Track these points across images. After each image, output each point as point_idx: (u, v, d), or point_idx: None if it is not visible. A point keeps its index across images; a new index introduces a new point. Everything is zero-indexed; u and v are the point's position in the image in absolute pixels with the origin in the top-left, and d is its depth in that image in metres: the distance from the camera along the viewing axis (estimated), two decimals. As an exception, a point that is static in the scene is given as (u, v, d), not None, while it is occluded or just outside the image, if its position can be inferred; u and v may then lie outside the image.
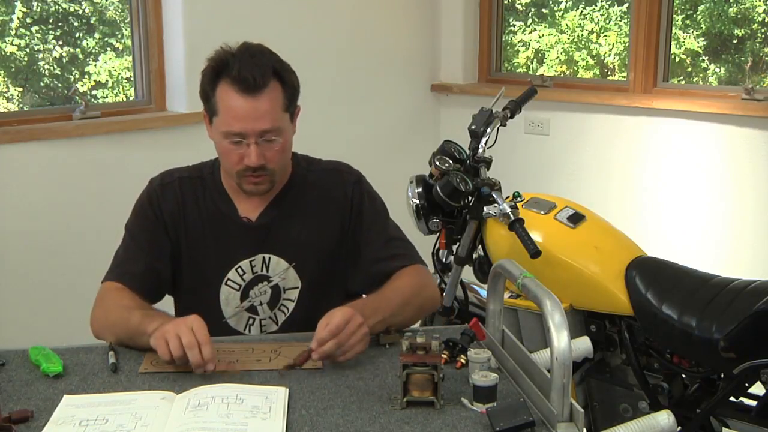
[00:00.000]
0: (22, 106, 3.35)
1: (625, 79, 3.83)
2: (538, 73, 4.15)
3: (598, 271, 2.32)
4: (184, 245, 1.89)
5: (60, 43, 3.40)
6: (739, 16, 3.95)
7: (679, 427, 2.19)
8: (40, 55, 3.39)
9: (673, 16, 3.72)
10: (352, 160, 2.03)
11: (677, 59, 4.02)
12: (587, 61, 4.38)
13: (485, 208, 2.35)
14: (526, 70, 4.43)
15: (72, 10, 3.40)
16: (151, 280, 1.85)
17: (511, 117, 2.51)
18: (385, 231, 1.93)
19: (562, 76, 4.34)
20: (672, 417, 1.39)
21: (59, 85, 3.48)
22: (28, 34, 3.30)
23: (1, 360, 1.61)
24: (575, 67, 4.40)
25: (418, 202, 2.45)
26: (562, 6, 4.43)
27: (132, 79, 3.37)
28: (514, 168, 3.58)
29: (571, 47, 4.40)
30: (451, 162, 2.40)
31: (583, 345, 1.71)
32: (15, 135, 2.88)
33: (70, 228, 3.02)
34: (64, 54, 3.42)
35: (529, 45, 4.48)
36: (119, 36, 3.48)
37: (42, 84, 3.46)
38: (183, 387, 1.49)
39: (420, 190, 2.46)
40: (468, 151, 2.46)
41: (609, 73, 4.36)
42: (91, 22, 3.45)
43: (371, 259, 1.88)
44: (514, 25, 4.50)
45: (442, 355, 1.49)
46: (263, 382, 1.52)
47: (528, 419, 1.31)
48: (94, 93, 3.46)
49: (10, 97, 3.35)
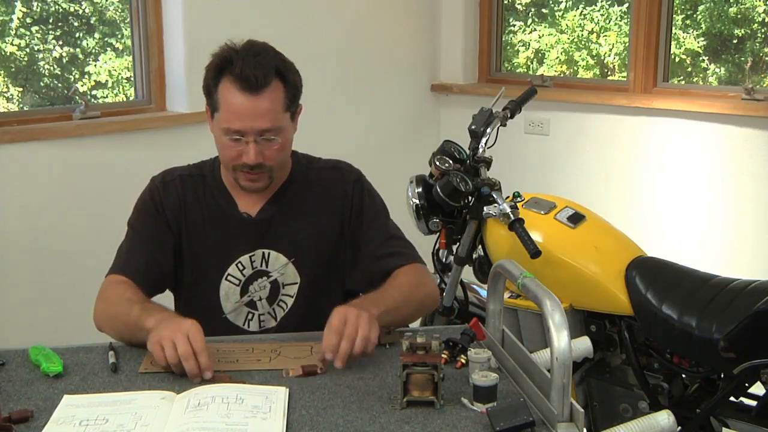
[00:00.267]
0: (22, 106, 3.35)
1: (625, 79, 3.83)
2: (538, 73, 4.15)
3: (598, 271, 2.32)
4: (185, 241, 1.90)
5: (60, 43, 3.40)
6: (739, 16, 3.95)
7: (679, 427, 2.19)
8: (40, 55, 3.39)
9: (673, 16, 3.72)
10: (352, 159, 2.03)
11: (677, 59, 4.02)
12: (587, 61, 4.38)
13: (485, 208, 2.35)
14: (526, 70, 4.43)
15: (72, 10, 3.40)
16: (154, 272, 1.86)
17: (511, 117, 2.51)
18: (385, 229, 1.94)
19: (562, 76, 4.34)
20: (672, 417, 1.39)
21: (59, 85, 3.48)
22: (28, 34, 3.30)
23: (1, 360, 1.61)
24: (575, 67, 4.40)
25: (418, 202, 2.45)
26: (562, 6, 4.43)
27: (132, 79, 3.37)
28: (514, 168, 3.58)
29: (571, 47, 4.40)
30: (451, 162, 2.40)
31: (583, 345, 1.71)
32: (15, 135, 2.87)
33: (70, 228, 3.02)
34: (64, 54, 3.42)
35: (529, 45, 4.48)
36: (119, 36, 3.48)
37: (42, 84, 3.46)
38: (183, 387, 1.49)
39: (420, 190, 2.46)
40: (468, 151, 2.46)
41: (609, 73, 4.36)
42: (91, 22, 3.45)
43: (371, 256, 1.89)
44: (514, 25, 4.50)
45: (442, 355, 1.49)
46: (263, 382, 1.52)
47: (528, 419, 1.31)
48: (94, 93, 3.46)
49: (10, 97, 3.35)
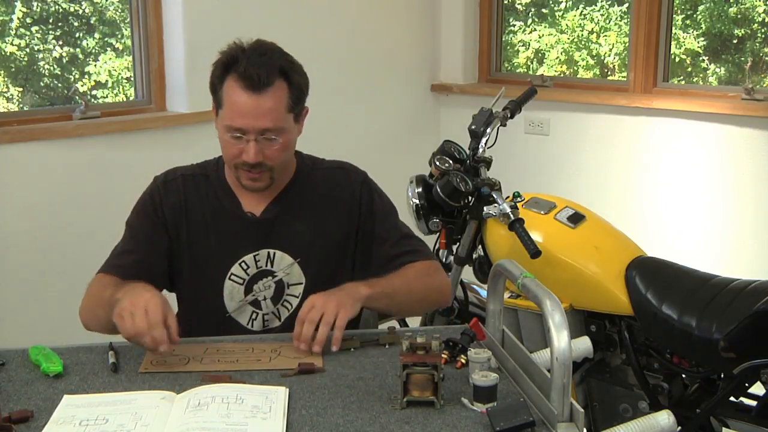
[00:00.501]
0: (22, 106, 3.35)
1: (625, 79, 3.83)
2: (538, 73, 4.15)
3: (598, 271, 2.32)
4: (186, 241, 1.90)
5: (60, 43, 3.40)
6: (739, 16, 3.95)
7: (679, 427, 2.19)
8: (40, 55, 3.39)
9: (673, 16, 3.72)
10: (352, 159, 2.03)
11: (677, 59, 4.02)
12: (587, 61, 4.38)
13: (485, 208, 2.35)
14: (526, 70, 4.43)
15: (72, 10, 3.40)
16: (142, 272, 1.84)
17: (511, 117, 2.51)
18: (397, 229, 1.95)
19: (562, 76, 4.34)
20: (672, 417, 1.39)
21: (59, 85, 3.48)
22: (28, 34, 3.30)
23: (1, 360, 1.61)
24: (575, 67, 4.41)
25: (418, 202, 2.45)
26: (562, 6, 4.43)
27: (132, 79, 3.37)
28: (514, 168, 3.58)
29: (571, 47, 4.40)
30: (451, 162, 2.41)
31: (583, 345, 1.71)
32: (15, 135, 2.88)
33: (70, 228, 3.02)
34: (64, 54, 3.42)
35: (529, 45, 4.48)
36: (119, 36, 3.48)
37: (42, 84, 3.46)
38: (183, 387, 1.49)
39: (420, 190, 2.46)
40: (468, 151, 2.46)
41: (609, 73, 4.36)
42: (91, 22, 3.45)
43: (385, 257, 1.90)
44: (514, 25, 4.50)
45: (442, 355, 1.49)
46: (263, 382, 1.52)
47: (528, 419, 1.31)
48: (94, 93, 3.46)
49: (10, 97, 3.35)
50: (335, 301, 1.66)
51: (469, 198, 2.40)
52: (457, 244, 2.51)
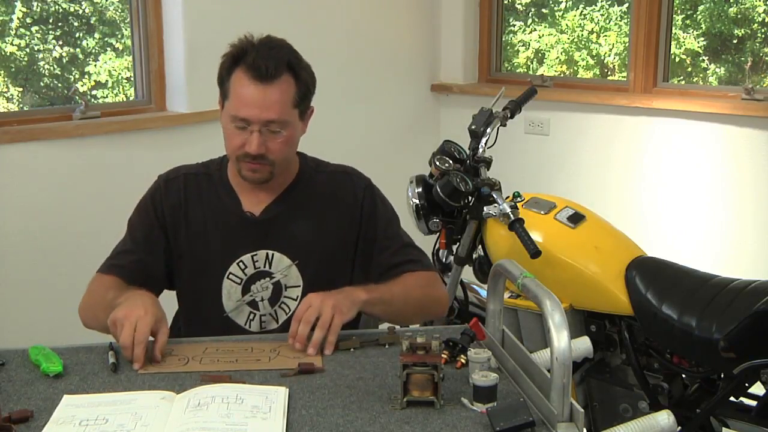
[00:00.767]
0: (22, 106, 3.35)
1: (625, 79, 3.83)
2: (538, 73, 4.15)
3: (598, 271, 2.32)
4: (185, 240, 1.90)
5: (60, 43, 3.40)
6: (739, 16, 3.95)
7: (679, 427, 2.19)
8: (40, 55, 3.39)
9: (673, 16, 3.72)
10: (352, 159, 2.03)
11: (677, 59, 4.02)
12: (587, 61, 4.38)
13: (485, 208, 2.35)
14: (526, 70, 4.43)
15: (72, 10, 3.40)
16: (140, 272, 1.86)
17: (511, 117, 2.51)
18: (399, 237, 1.95)
19: (562, 76, 4.34)
20: (672, 417, 1.39)
21: (59, 85, 3.48)
22: (28, 34, 3.30)
23: (1, 360, 1.61)
24: (575, 67, 4.41)
25: (418, 202, 2.45)
26: (562, 6, 4.43)
27: (132, 79, 3.37)
28: (514, 168, 3.58)
29: (571, 47, 4.40)
30: (451, 162, 2.40)
31: (583, 345, 1.71)
32: (15, 135, 2.87)
33: (70, 228, 3.02)
34: (64, 54, 3.42)
35: (529, 45, 4.48)
36: (119, 36, 3.48)
37: (42, 84, 3.46)
38: (183, 387, 1.49)
39: (420, 190, 2.46)
40: (468, 151, 2.46)
41: (609, 73, 4.36)
42: (91, 22, 3.45)
43: (386, 264, 1.89)
44: (514, 25, 4.50)
45: (442, 355, 1.49)
46: (263, 382, 1.52)
47: (528, 419, 1.31)
48: (94, 93, 3.46)
49: (10, 97, 3.35)
50: (332, 303, 1.66)
51: (469, 198, 2.40)
52: (457, 244, 2.51)
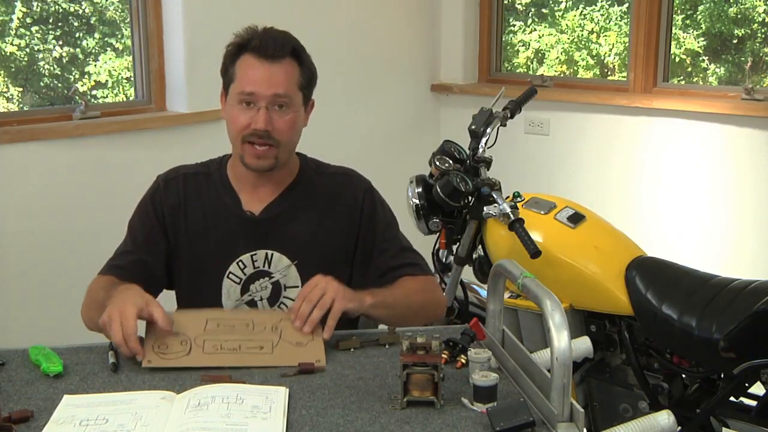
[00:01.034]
0: (22, 106, 3.35)
1: (625, 79, 3.83)
2: (538, 73, 4.15)
3: (598, 271, 2.32)
4: (185, 240, 1.90)
5: (60, 43, 3.40)
6: (739, 16, 3.95)
7: (679, 427, 2.19)
8: (40, 55, 3.39)
9: (673, 16, 3.72)
10: (352, 159, 2.03)
11: (677, 59, 4.02)
12: (587, 61, 4.38)
13: (485, 208, 2.35)
14: (526, 70, 4.43)
15: (72, 10, 3.40)
16: (139, 272, 1.86)
17: (511, 117, 2.51)
18: (397, 240, 1.96)
19: (562, 76, 4.34)
20: (672, 417, 1.39)
21: (59, 85, 3.48)
22: (28, 34, 3.30)
23: (1, 360, 1.61)
24: (575, 67, 4.40)
25: (418, 202, 2.45)
26: (562, 6, 4.43)
27: (132, 79, 3.37)
28: (514, 168, 3.58)
29: (571, 47, 4.40)
30: (451, 162, 2.40)
31: (583, 345, 1.71)
32: (15, 135, 2.87)
33: (70, 228, 3.02)
34: (64, 54, 3.42)
35: (529, 45, 4.48)
36: (119, 36, 3.48)
37: (42, 84, 3.46)
38: (183, 387, 1.49)
39: (420, 190, 2.46)
40: (468, 151, 2.46)
41: (609, 73, 4.36)
42: (91, 22, 3.45)
43: (384, 267, 1.90)
44: (514, 25, 4.50)
45: (442, 355, 1.49)
46: (263, 382, 1.52)
47: (528, 419, 1.31)
48: (94, 93, 3.46)
49: (10, 97, 3.35)
50: (336, 286, 1.68)
51: (469, 198, 2.40)
52: (457, 244, 2.51)
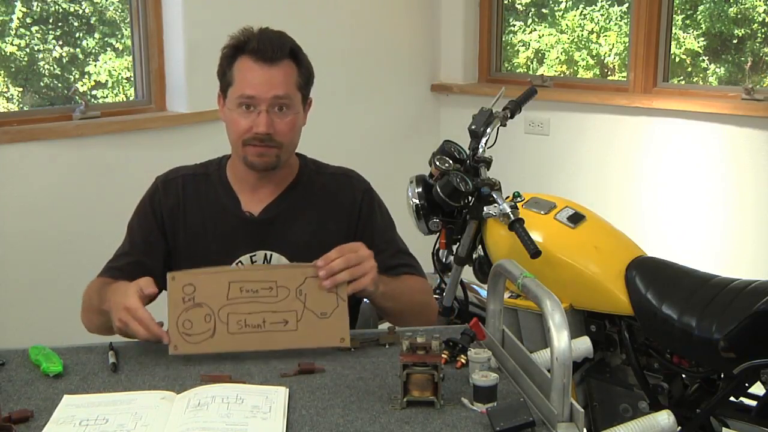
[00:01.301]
0: (22, 106, 3.35)
1: (625, 79, 3.83)
2: (538, 73, 4.15)
3: (598, 271, 2.32)
4: (183, 241, 1.90)
5: (60, 43, 3.40)
6: (739, 16, 3.95)
7: (679, 427, 2.19)
8: (40, 55, 3.39)
9: (673, 16, 3.72)
10: (352, 159, 2.04)
11: (677, 59, 4.02)
12: (587, 61, 4.38)
13: (485, 208, 2.35)
14: (526, 70, 4.43)
15: (72, 10, 3.40)
16: (137, 273, 1.83)
17: (511, 117, 2.51)
18: (395, 242, 1.97)
19: (562, 76, 4.34)
20: (672, 417, 1.39)
21: (59, 85, 3.48)
22: (28, 34, 3.30)
23: (1, 360, 1.61)
24: (575, 67, 4.40)
25: (418, 202, 2.45)
26: (562, 6, 4.43)
27: (132, 79, 3.37)
28: (514, 168, 3.58)
29: (571, 47, 4.40)
30: (451, 162, 2.40)
31: (583, 345, 1.71)
32: (15, 135, 2.88)
33: (69, 228, 3.02)
34: (64, 54, 3.42)
35: (529, 45, 4.48)
36: (119, 36, 3.48)
37: (42, 84, 3.46)
38: (183, 387, 1.49)
39: (420, 190, 2.45)
40: (468, 151, 2.45)
41: (609, 73, 4.36)
42: (91, 22, 3.45)
43: (381, 268, 1.88)
44: (514, 25, 4.50)
45: (442, 355, 1.49)
46: (263, 382, 1.52)
47: (528, 419, 1.31)
48: (94, 93, 3.46)
49: (10, 97, 3.35)
50: (373, 265, 1.68)
51: (469, 198, 2.40)
52: (457, 244, 2.51)
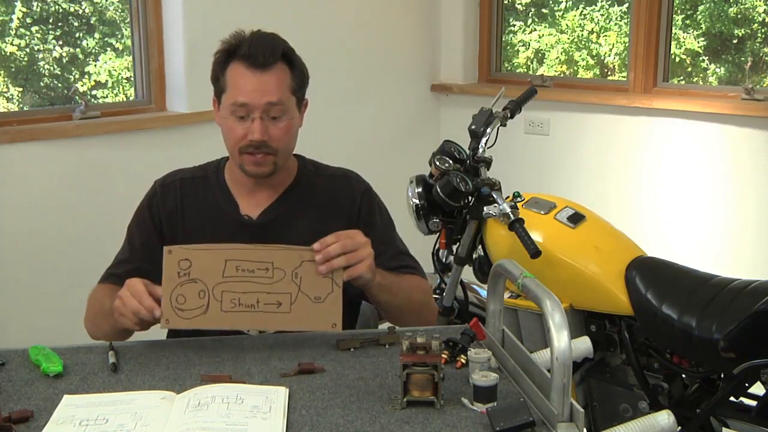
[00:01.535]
0: (22, 106, 3.35)
1: (625, 79, 3.84)
2: (538, 73, 4.15)
3: (598, 271, 2.32)
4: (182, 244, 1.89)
5: (60, 43, 3.40)
6: (739, 16, 3.95)
7: (679, 427, 2.19)
8: (40, 55, 3.39)
9: (673, 16, 3.72)
10: (352, 159, 2.03)
11: (677, 59, 4.02)
12: (587, 61, 4.37)
13: (485, 208, 2.35)
14: (526, 70, 4.43)
15: (72, 10, 3.40)
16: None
17: (511, 117, 2.51)
18: (395, 243, 1.96)
19: (562, 76, 4.34)
20: (672, 417, 1.39)
21: (59, 85, 3.48)
22: (28, 34, 3.30)
23: (1, 360, 1.61)
24: (575, 67, 4.40)
25: (418, 202, 2.45)
26: (562, 6, 4.43)
27: (132, 79, 3.37)
28: (514, 168, 3.58)
29: (571, 47, 4.40)
30: (451, 162, 2.40)
31: (583, 345, 1.71)
32: (15, 135, 2.88)
33: (69, 228, 3.02)
34: (64, 54, 3.42)
35: (529, 45, 4.48)
36: (119, 36, 3.48)
37: (42, 84, 3.46)
38: (183, 387, 1.49)
39: (420, 190, 2.45)
40: (468, 151, 2.45)
41: (609, 73, 4.36)
42: (91, 22, 3.45)
43: (381, 267, 1.88)
44: (514, 25, 4.50)
45: (442, 355, 1.49)
46: (263, 382, 1.52)
47: (528, 419, 1.31)
48: (94, 93, 3.46)
49: (10, 97, 3.35)
50: (370, 252, 1.68)
51: (469, 198, 2.40)
52: (457, 244, 2.51)
